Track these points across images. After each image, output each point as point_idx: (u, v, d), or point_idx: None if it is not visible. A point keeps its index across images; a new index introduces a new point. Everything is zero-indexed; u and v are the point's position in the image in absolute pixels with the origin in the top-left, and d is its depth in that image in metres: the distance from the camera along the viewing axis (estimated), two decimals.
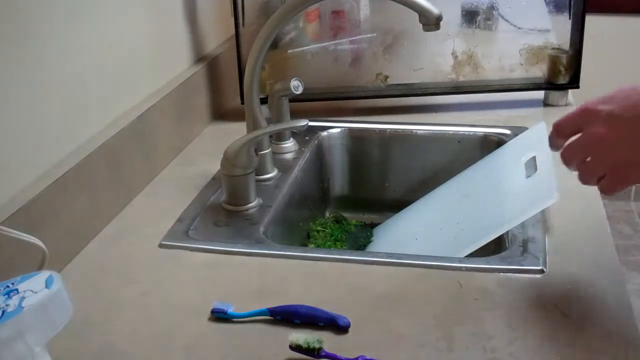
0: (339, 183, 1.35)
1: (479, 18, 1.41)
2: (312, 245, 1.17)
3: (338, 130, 1.35)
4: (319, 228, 1.21)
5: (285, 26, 1.29)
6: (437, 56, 1.42)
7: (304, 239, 1.19)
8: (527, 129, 1.20)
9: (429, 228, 1.16)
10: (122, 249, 0.97)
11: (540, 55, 1.39)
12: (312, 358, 0.73)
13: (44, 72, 0.92)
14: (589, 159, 0.75)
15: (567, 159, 0.78)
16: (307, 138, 1.30)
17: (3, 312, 0.60)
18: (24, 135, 0.89)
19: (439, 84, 1.42)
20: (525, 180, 1.04)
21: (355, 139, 1.35)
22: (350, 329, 0.78)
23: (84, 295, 0.85)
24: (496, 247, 1.02)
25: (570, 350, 0.74)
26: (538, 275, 0.86)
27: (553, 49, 1.39)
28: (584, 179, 0.77)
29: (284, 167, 1.20)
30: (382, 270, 0.89)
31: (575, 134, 0.76)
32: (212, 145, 1.28)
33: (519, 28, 1.42)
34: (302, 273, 0.90)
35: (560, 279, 0.86)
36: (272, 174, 1.17)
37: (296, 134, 1.29)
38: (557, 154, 0.80)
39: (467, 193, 1.16)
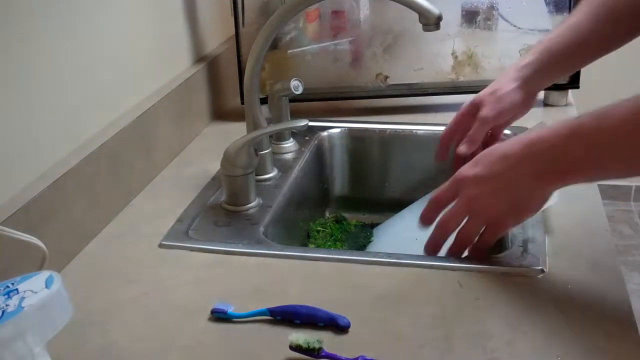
0: (339, 183, 1.35)
1: (479, 18, 1.41)
2: (312, 245, 1.17)
3: (338, 130, 1.35)
4: (319, 228, 1.21)
5: (285, 26, 1.28)
6: (437, 56, 1.42)
7: (304, 239, 1.19)
8: (527, 129, 1.20)
9: (429, 228, 1.15)
10: (122, 249, 0.97)
11: None
12: (312, 358, 0.73)
13: (43, 72, 0.92)
14: (465, 220, 0.86)
15: (447, 227, 0.88)
16: (307, 138, 1.30)
17: (3, 312, 0.60)
18: (24, 135, 0.89)
19: (438, 84, 1.42)
20: None
21: (355, 139, 1.35)
22: (350, 329, 0.78)
23: (84, 295, 0.85)
24: (496, 247, 1.02)
25: (570, 350, 0.74)
26: (538, 275, 0.86)
27: None
28: (465, 240, 0.88)
29: (284, 167, 1.20)
30: (382, 270, 0.89)
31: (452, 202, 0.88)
32: (212, 145, 1.28)
33: (519, 28, 1.42)
34: (302, 273, 0.90)
35: (560, 279, 0.86)
36: (272, 174, 1.17)
37: (296, 134, 1.29)
38: None
39: None
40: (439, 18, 1.01)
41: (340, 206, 1.34)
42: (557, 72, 1.10)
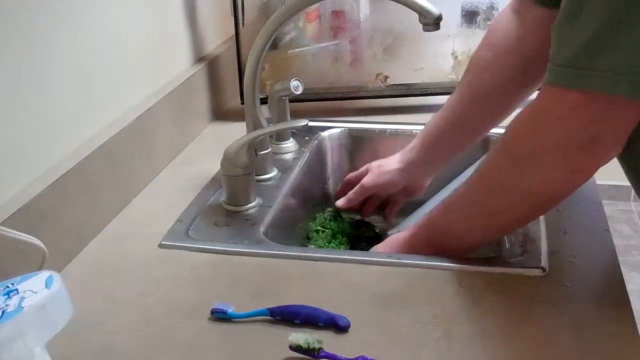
0: (339, 183, 1.35)
1: (479, 18, 1.41)
2: (312, 245, 1.17)
3: (338, 130, 1.35)
4: (318, 228, 1.20)
5: (285, 26, 1.29)
6: (437, 56, 1.42)
7: (304, 239, 1.19)
8: None
9: None
10: (122, 249, 0.97)
11: None
12: (312, 358, 0.73)
13: (43, 73, 0.92)
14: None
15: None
16: (307, 138, 1.30)
17: (3, 312, 0.60)
18: (23, 136, 0.89)
19: (439, 84, 1.42)
20: None
21: (355, 139, 1.35)
22: (350, 329, 0.78)
23: (84, 295, 0.85)
24: (496, 247, 1.02)
25: (570, 350, 0.74)
26: (538, 275, 0.86)
27: None
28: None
29: (284, 167, 1.20)
30: (382, 270, 0.89)
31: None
32: (212, 145, 1.28)
33: None
34: (302, 273, 0.90)
35: (560, 279, 0.86)
36: (272, 174, 1.17)
37: (296, 134, 1.29)
38: None
39: None
40: (439, 18, 1.01)
41: None
42: (440, 153, 1.14)
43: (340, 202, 1.17)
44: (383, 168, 1.15)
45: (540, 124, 0.78)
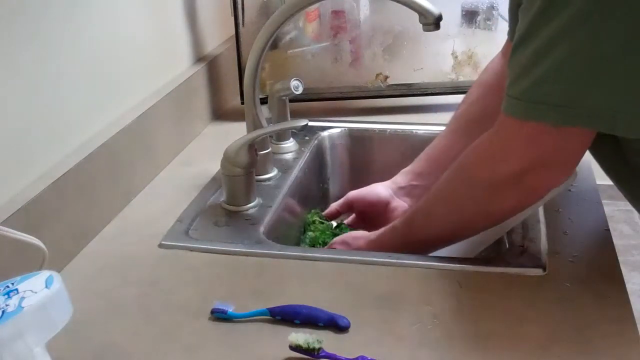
0: (339, 183, 1.35)
1: (479, 18, 1.41)
2: (311, 234, 1.16)
3: (338, 130, 1.35)
4: (315, 218, 1.19)
5: (285, 26, 1.29)
6: (437, 56, 1.42)
7: (301, 234, 1.18)
8: None
9: None
10: (122, 249, 0.97)
11: None
12: (312, 358, 0.73)
13: (44, 73, 0.92)
14: None
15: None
16: (307, 138, 1.30)
17: (3, 312, 0.60)
18: (24, 135, 0.89)
19: (439, 84, 1.42)
20: None
21: (355, 139, 1.35)
22: (350, 329, 0.78)
23: (84, 295, 0.85)
24: (496, 247, 1.01)
25: (570, 350, 0.74)
26: (538, 275, 0.86)
27: None
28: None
29: (284, 167, 1.20)
30: (382, 270, 0.89)
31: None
32: (212, 145, 1.28)
33: None
34: (302, 273, 0.90)
35: (560, 279, 0.86)
36: (272, 174, 1.17)
37: (296, 134, 1.29)
38: None
39: None
40: (439, 18, 1.01)
41: None
42: (428, 180, 1.14)
43: (324, 212, 1.19)
44: (372, 186, 1.17)
45: (497, 152, 0.83)
